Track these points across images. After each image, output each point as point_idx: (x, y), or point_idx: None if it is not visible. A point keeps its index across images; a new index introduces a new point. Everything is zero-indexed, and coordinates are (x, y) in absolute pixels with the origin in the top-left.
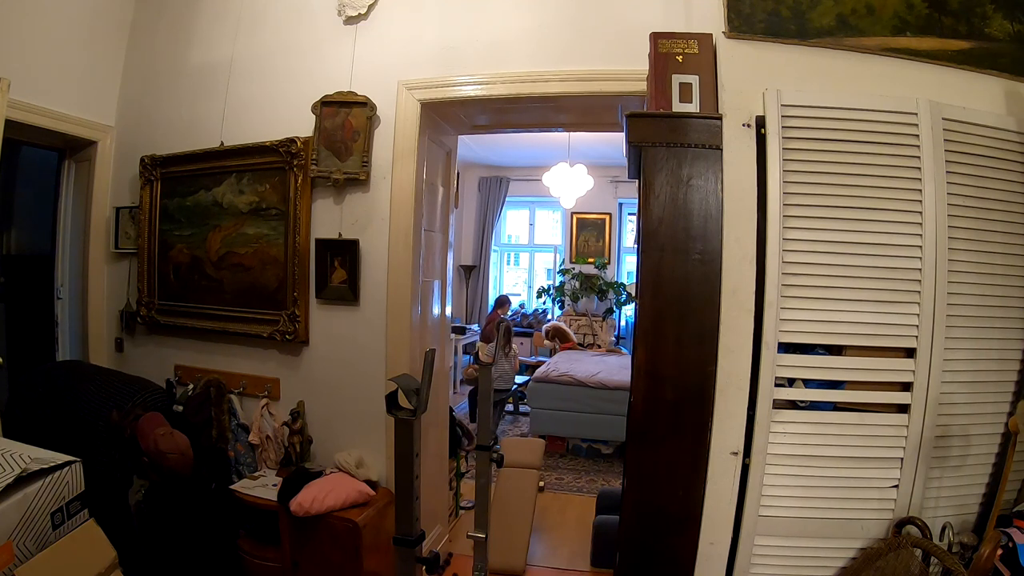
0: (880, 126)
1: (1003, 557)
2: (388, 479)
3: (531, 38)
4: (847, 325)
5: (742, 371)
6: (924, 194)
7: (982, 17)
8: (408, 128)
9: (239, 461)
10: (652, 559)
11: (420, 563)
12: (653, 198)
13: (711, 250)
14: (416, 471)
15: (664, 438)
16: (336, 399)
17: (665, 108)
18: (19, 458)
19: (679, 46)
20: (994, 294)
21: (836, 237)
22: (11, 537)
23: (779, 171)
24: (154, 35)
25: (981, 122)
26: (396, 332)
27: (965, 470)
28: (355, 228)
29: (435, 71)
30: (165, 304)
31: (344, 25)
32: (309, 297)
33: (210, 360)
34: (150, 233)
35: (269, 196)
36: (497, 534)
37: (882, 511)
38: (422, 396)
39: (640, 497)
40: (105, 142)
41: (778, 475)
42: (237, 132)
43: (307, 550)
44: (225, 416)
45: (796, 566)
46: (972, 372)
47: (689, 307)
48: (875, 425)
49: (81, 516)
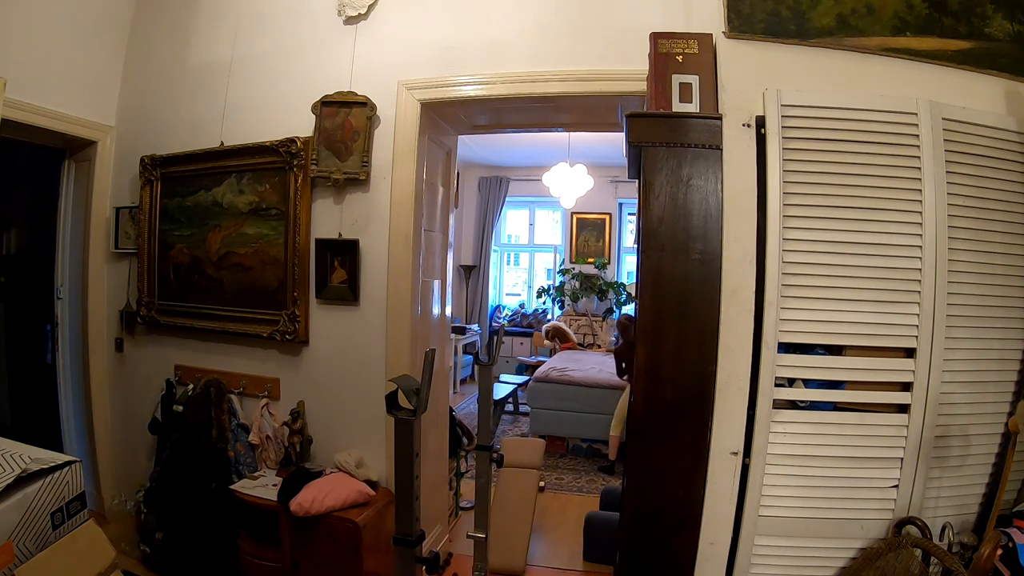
0: (880, 126)
1: (1003, 557)
2: (388, 479)
3: (531, 38)
4: (847, 325)
5: (742, 371)
6: (924, 194)
7: (982, 17)
8: (408, 128)
9: (239, 461)
10: (652, 559)
11: (420, 563)
12: (653, 198)
13: (711, 250)
14: (416, 471)
15: (664, 438)
16: (336, 399)
17: (665, 108)
18: (19, 458)
19: (679, 46)
20: (994, 294)
21: (836, 237)
22: (11, 537)
23: (779, 171)
24: (154, 35)
25: (981, 122)
26: (396, 332)
27: (965, 470)
28: (355, 228)
29: (435, 71)
30: (165, 304)
31: (344, 25)
32: (309, 297)
33: (210, 360)
34: (150, 233)
35: (269, 196)
36: (497, 534)
37: (882, 511)
38: (422, 396)
39: (640, 497)
40: (105, 142)
41: (778, 475)
42: (237, 132)
43: (307, 550)
44: (225, 416)
45: (796, 566)
46: (972, 372)
47: (689, 307)
48: (875, 425)
49: (81, 516)
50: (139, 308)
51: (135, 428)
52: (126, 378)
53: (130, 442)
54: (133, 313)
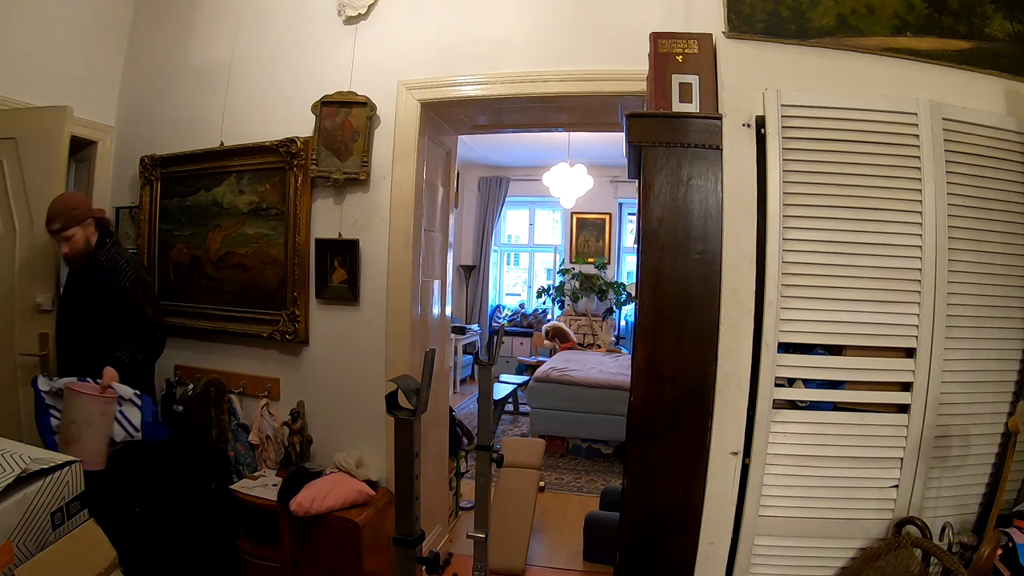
0: (880, 126)
1: (1003, 557)
2: (388, 479)
3: (531, 38)
4: (847, 325)
5: (742, 371)
6: (924, 194)
7: (982, 17)
8: (408, 128)
9: (239, 461)
10: (652, 559)
11: (420, 563)
12: (653, 198)
13: (711, 250)
14: (416, 471)
15: (664, 438)
16: (336, 399)
17: (665, 108)
18: (19, 458)
19: (679, 46)
20: (994, 294)
21: (836, 237)
22: (11, 537)
23: (779, 171)
24: (154, 35)
25: (981, 122)
26: (396, 332)
27: (965, 470)
28: (355, 228)
29: (435, 71)
30: (165, 304)
31: (344, 25)
32: (309, 297)
33: (210, 360)
34: (150, 233)
35: (269, 196)
36: (497, 534)
37: (882, 511)
38: (422, 396)
39: (640, 497)
40: (105, 142)
41: (778, 475)
42: (237, 132)
43: (307, 550)
44: (225, 416)
45: (796, 566)
46: (972, 372)
47: (689, 307)
48: (875, 425)
49: (81, 516)
50: None
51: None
52: None
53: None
54: None
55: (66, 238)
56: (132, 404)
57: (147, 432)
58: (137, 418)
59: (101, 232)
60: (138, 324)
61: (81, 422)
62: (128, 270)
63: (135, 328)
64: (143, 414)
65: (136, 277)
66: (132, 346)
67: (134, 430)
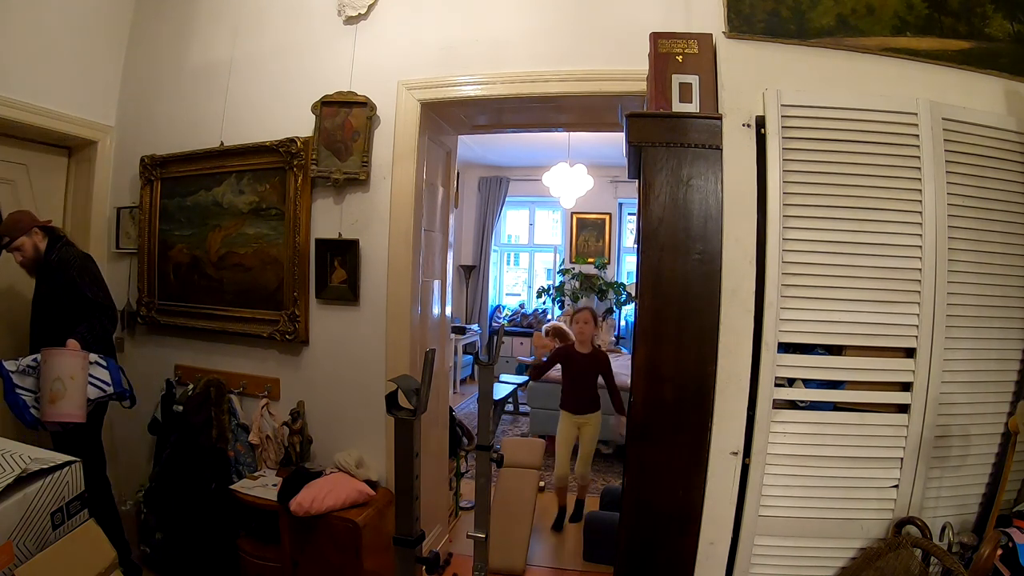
0: (880, 126)
1: (1003, 557)
2: (388, 479)
3: (531, 38)
4: (847, 325)
5: (742, 371)
6: (924, 194)
7: (982, 17)
8: (408, 128)
9: (239, 461)
10: (652, 559)
11: (420, 563)
12: (653, 198)
13: (711, 250)
14: (416, 471)
15: (664, 438)
16: (336, 399)
17: (665, 108)
18: (19, 458)
19: (679, 46)
20: (994, 294)
21: (836, 237)
22: (11, 537)
23: (779, 171)
24: (154, 35)
25: (981, 122)
26: (396, 332)
27: (965, 470)
28: (355, 228)
29: (435, 71)
30: (165, 304)
31: (344, 25)
32: (309, 297)
33: (210, 360)
34: (150, 233)
35: (269, 196)
36: (497, 534)
37: (882, 511)
38: (422, 396)
39: (640, 497)
40: (105, 142)
41: (778, 475)
42: (237, 132)
43: (307, 550)
44: (225, 416)
45: (796, 566)
46: (972, 372)
47: (689, 307)
48: (875, 425)
49: (81, 516)
50: (139, 308)
51: (135, 428)
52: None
53: (130, 442)
54: (133, 313)
55: (16, 248)
56: (98, 365)
57: (117, 386)
58: (106, 376)
59: (50, 237)
60: (89, 307)
61: (65, 376)
62: (75, 262)
63: (87, 311)
64: (110, 372)
65: (82, 267)
66: (86, 325)
67: (105, 385)
